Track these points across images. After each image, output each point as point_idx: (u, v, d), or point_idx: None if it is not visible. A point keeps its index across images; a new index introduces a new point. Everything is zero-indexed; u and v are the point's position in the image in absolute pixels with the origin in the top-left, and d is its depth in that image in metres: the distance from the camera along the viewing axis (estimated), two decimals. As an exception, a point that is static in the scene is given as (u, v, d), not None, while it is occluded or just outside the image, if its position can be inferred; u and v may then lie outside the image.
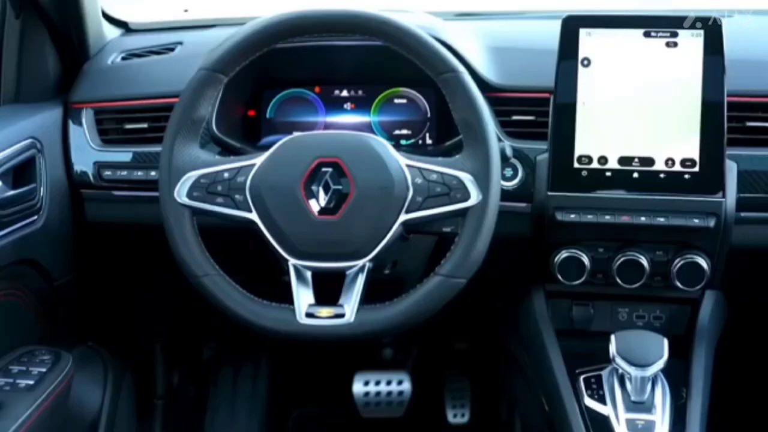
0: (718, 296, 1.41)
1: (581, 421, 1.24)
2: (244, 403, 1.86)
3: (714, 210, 1.30)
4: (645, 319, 1.43)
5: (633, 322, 1.43)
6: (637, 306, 1.42)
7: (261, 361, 1.90)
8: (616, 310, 1.43)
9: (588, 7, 1.69)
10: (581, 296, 1.42)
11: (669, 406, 1.25)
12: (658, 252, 1.35)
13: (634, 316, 1.43)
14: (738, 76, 1.36)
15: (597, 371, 1.31)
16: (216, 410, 1.86)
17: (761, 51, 1.46)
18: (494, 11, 1.80)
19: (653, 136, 1.32)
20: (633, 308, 1.43)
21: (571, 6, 1.77)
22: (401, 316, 1.16)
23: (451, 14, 1.78)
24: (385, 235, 1.17)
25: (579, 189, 1.33)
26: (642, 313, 1.43)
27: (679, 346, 1.35)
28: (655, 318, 1.42)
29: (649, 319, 1.43)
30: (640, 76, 1.32)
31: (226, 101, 1.45)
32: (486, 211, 1.17)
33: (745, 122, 1.36)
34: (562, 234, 1.35)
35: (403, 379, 1.82)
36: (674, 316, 1.41)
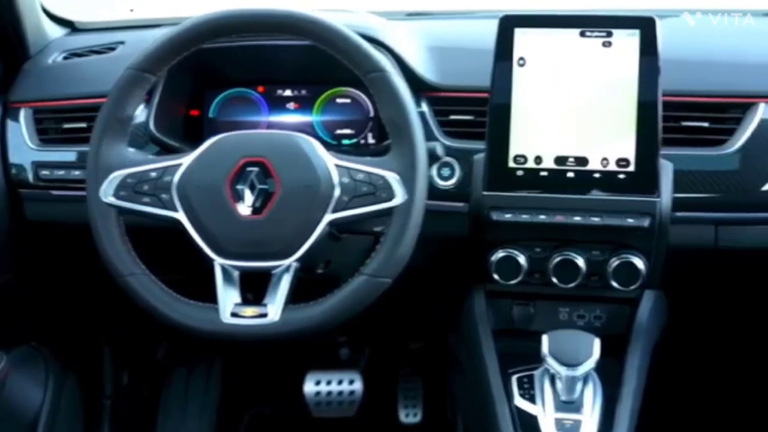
0: (658, 296, 1.41)
1: (510, 420, 1.24)
2: (196, 403, 1.86)
3: (648, 210, 1.30)
4: (585, 318, 1.42)
5: (574, 322, 1.43)
6: (578, 306, 1.42)
7: (214, 361, 1.90)
8: (557, 310, 1.43)
9: (548, 7, 1.69)
10: (522, 296, 1.42)
11: (599, 406, 1.25)
12: (594, 252, 1.34)
13: (575, 316, 1.43)
14: (675, 75, 1.36)
15: (531, 371, 1.31)
16: (168, 411, 1.85)
17: (699, 51, 1.46)
18: (446, 11, 1.80)
19: (588, 135, 1.31)
20: (574, 308, 1.42)
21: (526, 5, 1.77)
22: (326, 315, 1.16)
23: (403, 14, 1.79)
24: (310, 235, 1.17)
25: (514, 188, 1.33)
26: (583, 312, 1.42)
27: (617, 345, 1.35)
28: (596, 317, 1.42)
29: (589, 318, 1.42)
30: (575, 76, 1.32)
31: (167, 101, 1.45)
32: (411, 211, 1.17)
33: (681, 122, 1.36)
34: (499, 234, 1.35)
35: (354, 378, 1.82)
36: (614, 316, 1.41)
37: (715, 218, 1.36)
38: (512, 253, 1.35)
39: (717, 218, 1.36)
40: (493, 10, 1.75)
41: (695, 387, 1.83)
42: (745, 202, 1.35)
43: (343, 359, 1.96)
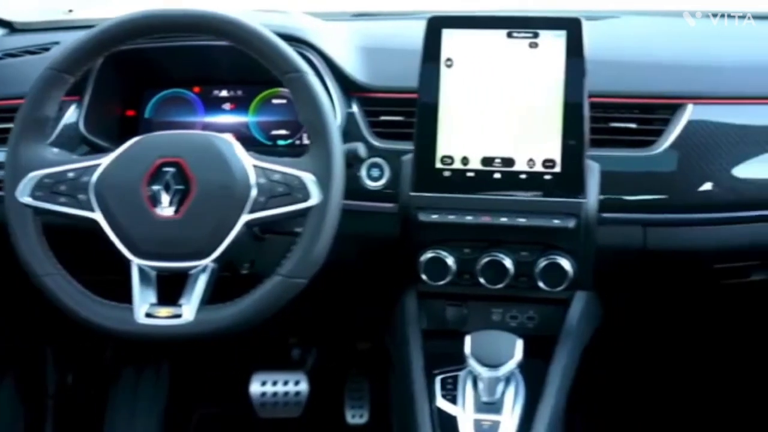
0: (590, 297, 1.41)
1: (428, 421, 1.24)
2: (144, 403, 1.86)
3: (574, 211, 1.30)
4: (518, 319, 1.42)
5: (507, 323, 1.43)
6: (511, 307, 1.42)
7: (162, 361, 1.90)
8: (490, 311, 1.43)
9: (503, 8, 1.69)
10: (455, 297, 1.42)
11: (520, 407, 1.25)
12: (522, 253, 1.34)
13: (507, 317, 1.43)
14: (605, 76, 1.37)
15: (457, 372, 1.31)
16: (115, 411, 1.85)
17: (630, 52, 1.46)
18: (392, 11, 1.80)
19: (515, 136, 1.31)
20: (507, 309, 1.42)
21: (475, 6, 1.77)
22: (240, 315, 1.16)
23: (348, 14, 1.79)
24: (227, 235, 1.17)
25: (441, 189, 1.33)
26: (515, 313, 1.42)
27: (548, 346, 1.35)
28: (529, 318, 1.42)
29: (522, 319, 1.42)
30: (502, 77, 1.32)
31: (99, 101, 1.45)
32: (326, 212, 1.17)
33: (608, 123, 1.36)
34: (427, 234, 1.35)
35: (300, 379, 1.82)
36: (547, 317, 1.41)
37: (644, 219, 1.36)
38: (440, 254, 1.35)
39: (645, 219, 1.36)
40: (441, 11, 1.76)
41: (629, 387, 1.84)
42: (676, 204, 1.35)
43: (295, 360, 1.96)
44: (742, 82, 1.39)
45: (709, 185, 1.34)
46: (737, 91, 1.38)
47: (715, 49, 1.47)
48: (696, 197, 1.35)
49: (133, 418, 1.84)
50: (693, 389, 1.85)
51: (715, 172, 1.34)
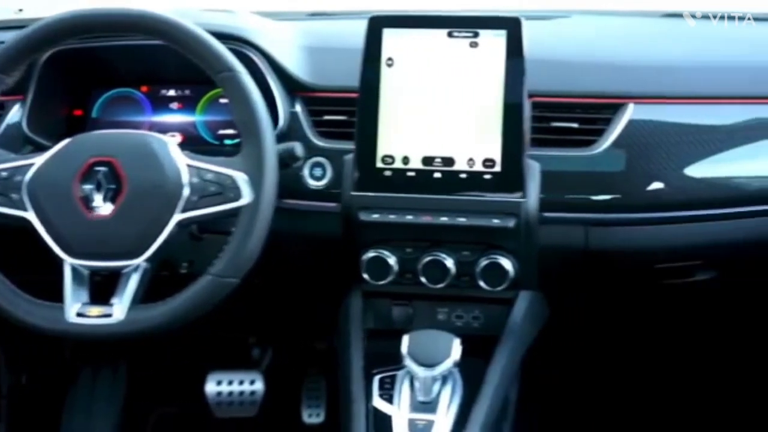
0: (535, 297, 1.41)
1: (363, 420, 1.24)
2: (101, 403, 1.86)
3: (513, 210, 1.30)
4: (464, 319, 1.42)
5: (452, 323, 1.42)
6: (456, 306, 1.42)
7: (121, 360, 1.90)
8: (436, 311, 1.43)
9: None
10: (400, 296, 1.42)
11: (456, 406, 1.25)
12: (464, 252, 1.34)
13: (453, 317, 1.43)
14: (547, 76, 1.38)
15: (395, 371, 1.31)
16: (72, 411, 1.85)
17: (574, 51, 1.46)
18: (348, 11, 1.80)
19: (455, 136, 1.31)
20: (452, 308, 1.42)
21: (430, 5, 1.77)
22: (171, 314, 1.17)
23: (304, 14, 1.79)
24: (159, 235, 1.18)
25: (382, 189, 1.32)
26: (461, 313, 1.42)
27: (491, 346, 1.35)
28: (474, 318, 1.42)
29: (468, 319, 1.42)
30: (442, 76, 1.32)
31: (44, 100, 1.45)
32: (258, 211, 1.17)
33: (550, 122, 1.36)
34: (368, 234, 1.35)
35: (255, 379, 1.82)
36: (493, 317, 1.41)
37: (585, 219, 1.36)
38: (382, 254, 1.35)
39: (586, 219, 1.36)
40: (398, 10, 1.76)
41: (581, 386, 1.84)
42: (619, 203, 1.35)
43: (255, 359, 1.96)
44: (683, 82, 1.39)
45: (654, 185, 1.34)
46: (678, 91, 1.38)
47: (658, 49, 1.47)
48: (641, 197, 1.35)
49: (90, 418, 1.84)
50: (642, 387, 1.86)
51: (659, 171, 1.34)
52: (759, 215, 1.38)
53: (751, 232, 1.39)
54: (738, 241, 1.40)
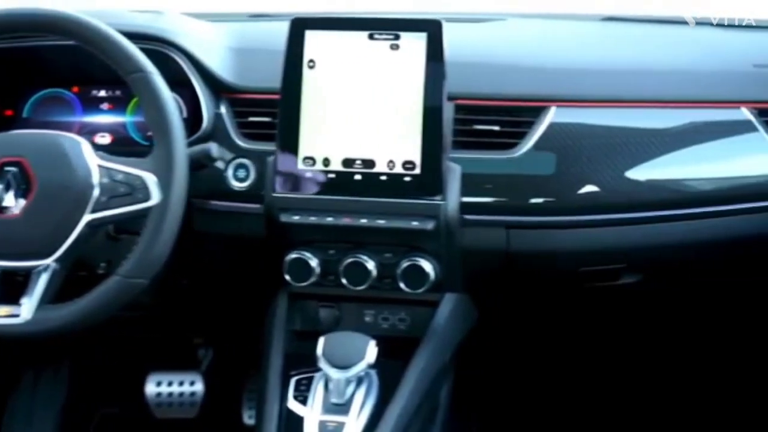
0: (461, 299, 1.41)
1: (275, 421, 1.24)
2: (42, 405, 1.85)
3: (432, 212, 1.30)
4: (390, 321, 1.43)
5: (379, 324, 1.43)
6: (383, 308, 1.42)
7: (63, 363, 1.89)
8: (363, 312, 1.43)
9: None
10: (327, 298, 1.42)
11: (370, 408, 1.25)
12: (386, 254, 1.35)
13: (379, 318, 1.43)
14: (470, 78, 1.38)
15: (313, 373, 1.31)
16: (14, 413, 1.85)
17: (499, 54, 1.46)
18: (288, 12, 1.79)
19: (375, 138, 1.31)
20: (379, 310, 1.43)
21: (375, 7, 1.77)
22: (79, 314, 1.17)
23: (245, 15, 1.79)
24: (69, 235, 1.18)
25: (303, 190, 1.33)
26: (387, 315, 1.43)
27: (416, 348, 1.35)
28: (401, 320, 1.42)
29: (394, 321, 1.43)
30: (363, 78, 1.32)
31: None
32: (166, 212, 1.17)
33: (472, 125, 1.37)
34: (290, 235, 1.35)
35: (195, 380, 1.82)
36: (419, 319, 1.41)
37: (506, 222, 1.36)
38: (304, 255, 1.35)
39: (508, 222, 1.36)
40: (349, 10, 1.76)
41: (513, 390, 1.85)
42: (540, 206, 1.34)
43: (201, 360, 1.96)
44: (609, 86, 1.39)
45: (581, 187, 1.34)
46: (603, 94, 1.38)
47: (587, 52, 1.48)
48: (567, 200, 1.35)
49: (31, 420, 1.83)
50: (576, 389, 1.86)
51: (585, 174, 1.34)
52: (684, 219, 1.38)
53: (674, 235, 1.39)
54: (661, 245, 1.40)
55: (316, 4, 1.82)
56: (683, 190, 1.37)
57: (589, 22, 1.70)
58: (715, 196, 1.38)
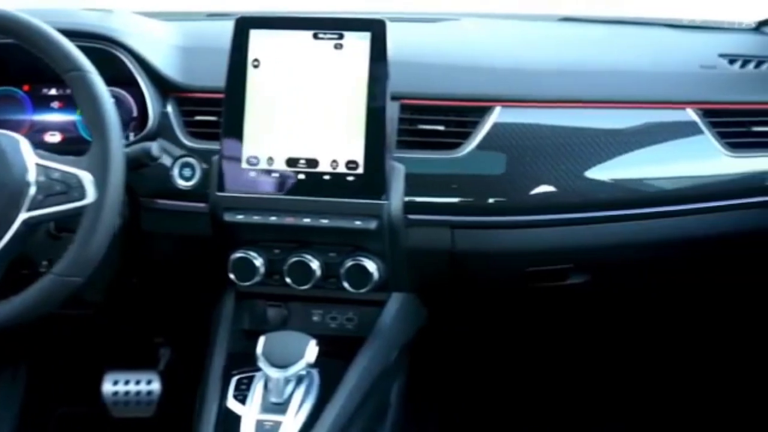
0: (407, 299, 1.41)
1: (212, 420, 1.24)
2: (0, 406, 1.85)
3: (375, 212, 1.30)
4: (338, 320, 1.43)
5: (327, 324, 1.43)
6: (331, 308, 1.42)
7: (21, 361, 1.89)
8: (311, 312, 1.43)
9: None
10: (275, 297, 1.42)
11: (308, 407, 1.24)
12: (331, 254, 1.35)
13: (327, 318, 1.43)
14: (417, 78, 1.38)
15: (254, 372, 1.30)
16: None
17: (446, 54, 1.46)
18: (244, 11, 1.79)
19: (319, 137, 1.31)
20: (327, 310, 1.43)
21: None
22: (12, 313, 1.17)
23: (203, 14, 1.79)
24: (5, 234, 1.17)
25: (247, 190, 1.33)
26: (335, 315, 1.43)
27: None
28: (348, 320, 1.42)
29: (342, 320, 1.43)
30: (307, 78, 1.32)
31: None
32: (101, 211, 1.17)
33: (417, 125, 1.37)
34: (235, 235, 1.35)
35: (152, 378, 1.82)
36: (366, 319, 1.41)
37: (451, 222, 1.36)
38: (249, 255, 1.35)
39: (452, 222, 1.36)
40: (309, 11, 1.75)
41: (460, 387, 1.85)
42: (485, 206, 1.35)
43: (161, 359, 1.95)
44: (555, 86, 1.39)
45: (522, 187, 1.34)
46: (546, 94, 1.38)
47: (536, 52, 1.48)
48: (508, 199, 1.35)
49: None
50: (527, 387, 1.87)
51: (529, 174, 1.34)
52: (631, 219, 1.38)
53: (621, 236, 1.39)
54: (608, 245, 1.40)
55: (279, 3, 1.83)
56: (631, 191, 1.37)
57: (546, 23, 1.70)
58: (662, 197, 1.38)
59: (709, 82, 1.42)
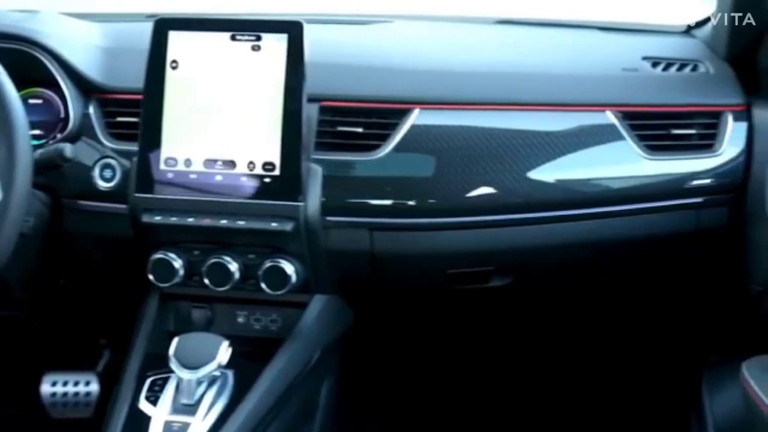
0: (329, 301, 1.41)
1: (121, 421, 1.24)
2: None
3: (291, 214, 1.30)
4: (262, 322, 1.43)
5: (251, 325, 1.43)
6: (255, 309, 1.43)
7: None
8: (235, 313, 1.43)
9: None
10: (200, 299, 1.42)
11: (219, 409, 1.24)
12: (250, 255, 1.35)
13: (252, 320, 1.43)
14: (336, 79, 1.38)
15: (170, 373, 1.30)
16: None
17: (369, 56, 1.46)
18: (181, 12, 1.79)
19: (236, 139, 1.31)
20: (251, 311, 1.43)
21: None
22: None
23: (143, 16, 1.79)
24: None
25: (165, 191, 1.33)
26: (259, 316, 1.43)
27: None
28: (272, 321, 1.43)
29: (266, 322, 1.43)
30: (225, 80, 1.32)
31: None
32: (6, 212, 1.17)
33: (336, 127, 1.37)
34: (154, 236, 1.35)
35: (90, 380, 1.82)
36: (290, 321, 1.41)
37: (369, 223, 1.36)
38: (168, 256, 1.35)
39: (370, 223, 1.36)
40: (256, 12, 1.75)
41: (395, 388, 1.85)
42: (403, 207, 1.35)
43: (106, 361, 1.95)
44: (473, 88, 1.40)
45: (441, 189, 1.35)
46: (466, 96, 1.38)
47: (462, 55, 1.48)
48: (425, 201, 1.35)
49: None
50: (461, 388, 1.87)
51: (447, 176, 1.35)
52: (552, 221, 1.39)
53: (541, 238, 1.40)
54: (529, 248, 1.41)
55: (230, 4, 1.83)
56: (553, 193, 1.38)
57: (482, 25, 1.71)
58: (582, 199, 1.38)
59: (629, 85, 1.42)
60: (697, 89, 1.44)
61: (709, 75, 1.46)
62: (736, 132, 1.40)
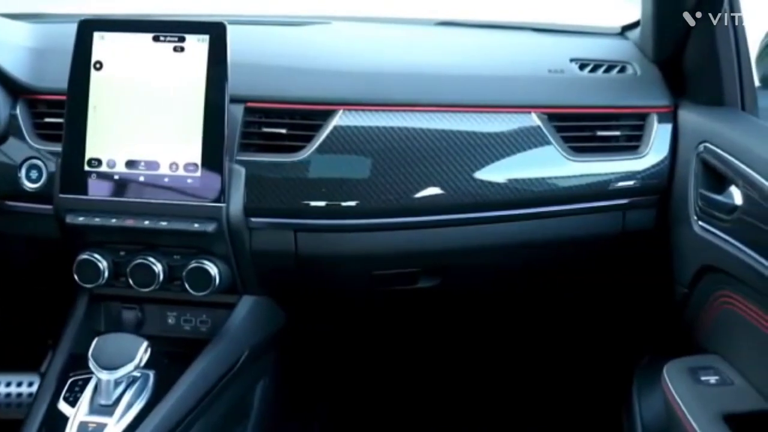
0: (259, 302, 1.42)
1: (38, 421, 1.24)
2: None
3: (213, 215, 1.30)
4: (192, 323, 1.43)
5: (181, 326, 1.43)
6: (185, 310, 1.43)
7: None
8: (166, 314, 1.43)
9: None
10: (130, 299, 1.42)
11: (136, 410, 1.24)
12: (175, 256, 1.35)
13: (182, 320, 1.43)
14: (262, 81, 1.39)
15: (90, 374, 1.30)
16: None
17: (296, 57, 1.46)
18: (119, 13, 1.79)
19: (159, 140, 1.32)
20: (181, 312, 1.43)
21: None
22: None
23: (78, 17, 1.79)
24: None
25: (89, 192, 1.33)
26: (189, 317, 1.43)
27: None
28: (202, 322, 1.43)
29: (195, 323, 1.43)
30: (149, 81, 1.32)
31: None
32: None
33: (261, 128, 1.37)
34: (80, 237, 1.35)
35: (33, 380, 1.81)
36: (219, 322, 1.41)
37: (293, 225, 1.36)
38: (93, 257, 1.35)
39: (294, 225, 1.36)
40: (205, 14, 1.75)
41: (331, 387, 1.85)
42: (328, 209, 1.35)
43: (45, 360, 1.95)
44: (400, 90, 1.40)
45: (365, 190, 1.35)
46: (392, 97, 1.38)
47: (389, 56, 1.48)
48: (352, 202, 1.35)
49: None
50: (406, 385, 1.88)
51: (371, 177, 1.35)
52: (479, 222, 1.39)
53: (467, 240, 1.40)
54: (453, 249, 1.41)
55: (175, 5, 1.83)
56: (479, 195, 1.37)
57: (423, 27, 1.71)
58: (507, 201, 1.39)
59: (554, 87, 1.42)
60: (624, 91, 1.44)
61: (636, 77, 1.46)
62: (661, 134, 1.40)
